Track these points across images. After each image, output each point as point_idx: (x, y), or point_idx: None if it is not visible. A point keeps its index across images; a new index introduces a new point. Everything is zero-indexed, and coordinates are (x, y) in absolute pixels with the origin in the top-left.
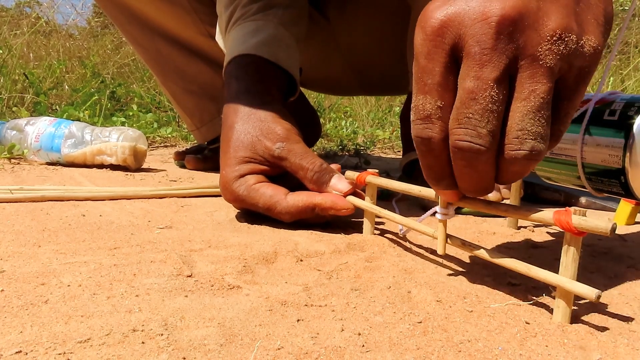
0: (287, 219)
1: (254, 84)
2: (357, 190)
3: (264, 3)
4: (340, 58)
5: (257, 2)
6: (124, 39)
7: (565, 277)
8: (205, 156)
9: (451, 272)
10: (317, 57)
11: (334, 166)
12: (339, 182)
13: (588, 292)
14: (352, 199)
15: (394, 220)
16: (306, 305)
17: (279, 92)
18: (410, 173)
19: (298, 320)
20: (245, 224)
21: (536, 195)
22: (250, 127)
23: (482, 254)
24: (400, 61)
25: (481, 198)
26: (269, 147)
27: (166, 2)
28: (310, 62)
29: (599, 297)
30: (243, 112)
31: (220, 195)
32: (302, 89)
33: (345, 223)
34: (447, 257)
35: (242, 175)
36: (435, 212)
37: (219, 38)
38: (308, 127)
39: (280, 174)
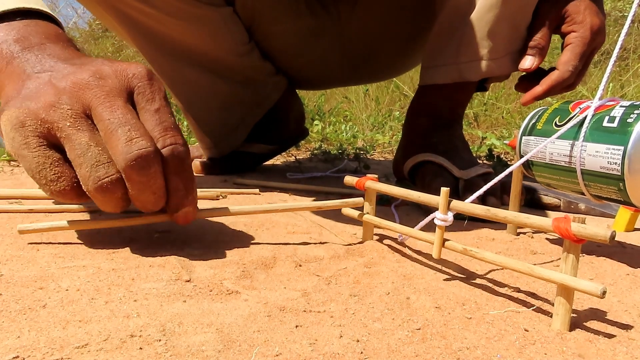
0: None
1: None
2: None
3: None
4: (339, 53)
5: None
6: (127, 44)
7: (567, 275)
8: (213, 161)
9: (450, 278)
10: (317, 56)
11: None
12: None
13: (592, 288)
14: (351, 212)
15: (392, 229)
16: (305, 311)
17: None
18: (413, 177)
19: (296, 326)
20: (245, 228)
21: (536, 202)
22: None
23: (483, 257)
24: (401, 44)
25: (481, 204)
26: None
27: (204, 27)
28: (310, 61)
29: (604, 292)
30: None
31: (220, 204)
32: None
33: (344, 228)
34: (446, 263)
35: None
36: (434, 218)
37: None
38: (294, 124)
39: None
